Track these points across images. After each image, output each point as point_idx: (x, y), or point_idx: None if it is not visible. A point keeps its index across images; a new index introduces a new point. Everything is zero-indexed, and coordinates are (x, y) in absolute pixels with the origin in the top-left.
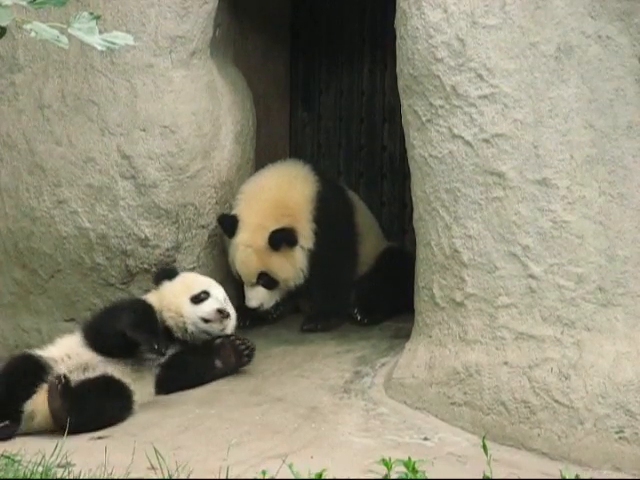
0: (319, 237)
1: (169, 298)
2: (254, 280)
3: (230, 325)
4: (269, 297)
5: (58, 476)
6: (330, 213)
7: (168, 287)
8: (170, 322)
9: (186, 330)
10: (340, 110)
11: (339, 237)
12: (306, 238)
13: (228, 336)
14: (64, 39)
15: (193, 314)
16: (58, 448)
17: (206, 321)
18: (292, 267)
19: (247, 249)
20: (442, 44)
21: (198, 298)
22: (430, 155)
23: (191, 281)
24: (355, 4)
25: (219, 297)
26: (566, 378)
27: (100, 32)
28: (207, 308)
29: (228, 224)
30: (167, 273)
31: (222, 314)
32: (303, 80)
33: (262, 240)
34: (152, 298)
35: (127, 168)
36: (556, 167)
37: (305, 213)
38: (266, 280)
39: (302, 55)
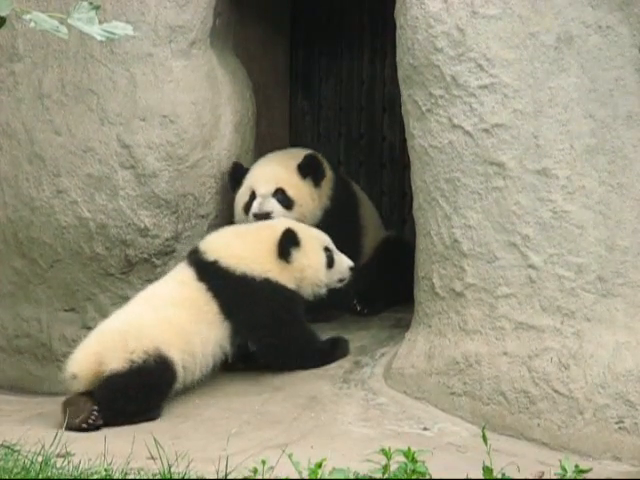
0: (324, 226)
1: (311, 274)
2: (272, 190)
3: None
4: (280, 211)
5: (58, 466)
6: (339, 203)
7: (301, 259)
8: (308, 293)
9: (320, 293)
10: (340, 99)
11: (345, 229)
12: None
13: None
14: (63, 29)
15: (331, 279)
16: (58, 438)
17: (341, 280)
18: (311, 200)
19: (273, 166)
20: (442, 34)
21: (329, 260)
22: (430, 145)
23: (311, 241)
24: None
25: (334, 247)
26: (566, 368)
27: (100, 22)
28: (341, 268)
29: (239, 172)
30: (293, 240)
31: (352, 269)
32: (303, 69)
33: (291, 166)
34: (280, 275)
35: (127, 158)
36: (556, 157)
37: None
38: (282, 197)
39: (302, 44)
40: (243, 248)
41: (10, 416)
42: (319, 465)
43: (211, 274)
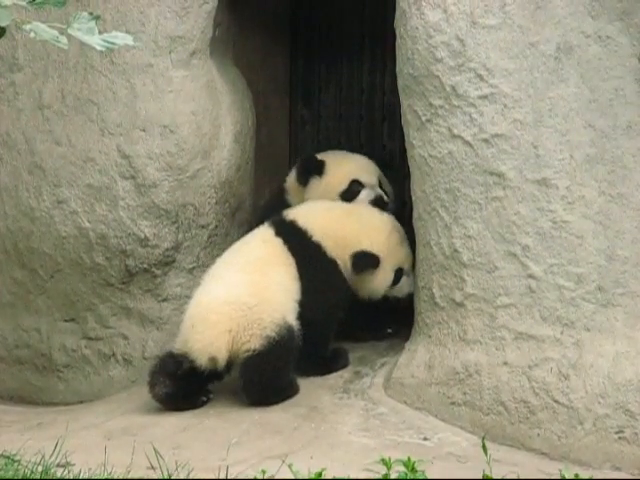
0: None
1: (370, 289)
2: (377, 182)
3: None
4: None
5: (58, 476)
6: None
7: (369, 276)
8: (363, 295)
9: (374, 299)
10: (340, 108)
11: None
12: None
13: None
14: (64, 39)
15: (390, 292)
16: (58, 448)
17: (398, 300)
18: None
19: (365, 159)
20: (442, 44)
21: (396, 279)
22: (430, 155)
23: (388, 261)
24: (355, 2)
25: (409, 269)
26: (566, 378)
27: (100, 32)
28: (402, 290)
29: (314, 165)
30: (372, 264)
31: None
32: (303, 78)
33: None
34: (345, 269)
35: (127, 168)
36: (556, 167)
37: None
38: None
39: (302, 53)
40: (329, 220)
41: (10, 426)
42: (319, 474)
43: (287, 231)
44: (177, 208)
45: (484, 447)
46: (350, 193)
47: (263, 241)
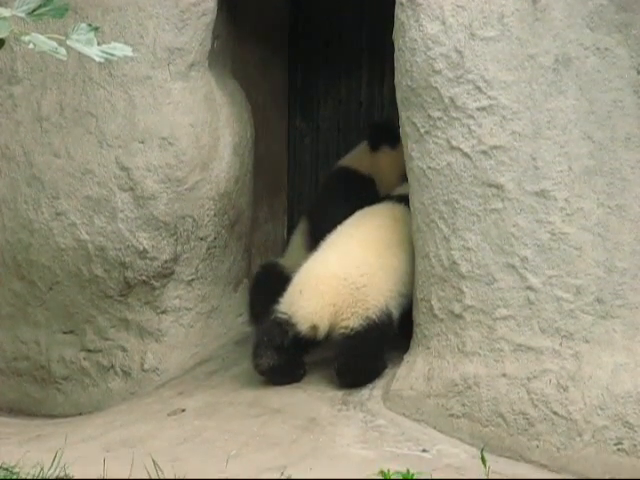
0: None
1: None
2: None
3: None
4: None
5: None
6: None
7: None
8: None
9: None
10: (338, 121)
11: None
12: None
13: None
14: (62, 50)
15: None
16: (57, 459)
17: None
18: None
19: None
20: (440, 56)
21: None
22: (428, 167)
23: None
24: (353, 15)
25: None
26: (564, 390)
27: (98, 44)
28: None
29: (388, 132)
30: None
31: None
32: (301, 91)
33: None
34: None
35: (125, 180)
36: (554, 179)
37: None
38: None
39: (300, 66)
40: None
41: (9, 438)
42: None
43: None
44: (176, 220)
45: (483, 459)
46: None
47: (391, 218)
